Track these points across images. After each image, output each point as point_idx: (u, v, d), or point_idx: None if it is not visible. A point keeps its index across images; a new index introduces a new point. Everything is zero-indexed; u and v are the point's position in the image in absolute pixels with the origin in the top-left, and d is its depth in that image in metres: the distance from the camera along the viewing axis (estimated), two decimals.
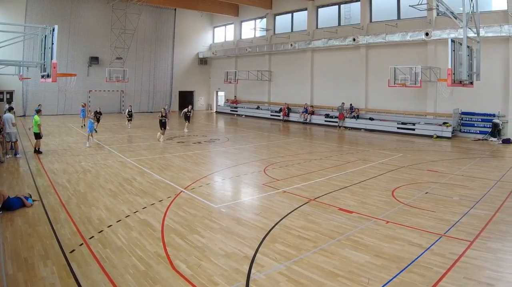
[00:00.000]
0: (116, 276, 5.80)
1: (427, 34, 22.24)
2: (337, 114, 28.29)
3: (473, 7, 14.93)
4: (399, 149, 18.84)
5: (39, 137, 16.02)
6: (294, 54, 33.50)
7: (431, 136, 22.73)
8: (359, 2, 28.06)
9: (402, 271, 6.00)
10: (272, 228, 7.88)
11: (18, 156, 15.17)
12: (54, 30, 10.54)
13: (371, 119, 26.73)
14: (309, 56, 32.24)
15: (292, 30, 34.35)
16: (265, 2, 35.18)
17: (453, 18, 15.13)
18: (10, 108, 16.46)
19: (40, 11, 31.44)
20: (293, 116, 32.26)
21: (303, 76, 32.77)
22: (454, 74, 13.92)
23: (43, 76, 11.23)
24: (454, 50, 13.81)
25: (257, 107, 37.01)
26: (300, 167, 14.21)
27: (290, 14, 34.66)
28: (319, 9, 31.81)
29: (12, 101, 30.01)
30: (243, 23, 40.39)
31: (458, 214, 8.71)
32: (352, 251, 6.78)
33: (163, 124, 20.19)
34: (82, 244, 6.97)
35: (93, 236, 7.34)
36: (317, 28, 31.77)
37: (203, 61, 44.23)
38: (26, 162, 14.42)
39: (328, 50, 30.41)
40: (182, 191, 10.73)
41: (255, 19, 38.47)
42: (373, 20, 27.57)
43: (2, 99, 30.96)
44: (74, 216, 8.49)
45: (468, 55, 14.62)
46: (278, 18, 36.10)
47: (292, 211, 9.00)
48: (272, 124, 31.15)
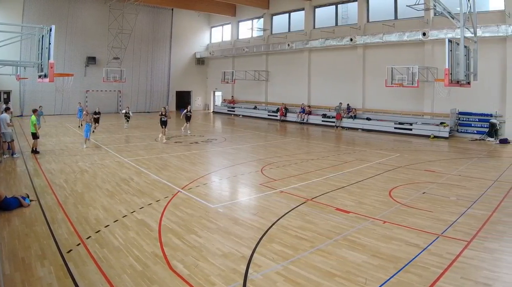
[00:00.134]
0: (113, 276, 5.81)
1: (424, 34, 22.27)
2: (334, 114, 28.30)
3: (470, 7, 14.96)
4: (396, 148, 18.86)
5: (36, 138, 16.01)
6: (291, 54, 33.50)
7: (428, 136, 22.75)
8: (356, 2, 28.08)
9: (399, 271, 6.00)
10: (269, 228, 7.87)
11: (15, 156, 15.13)
12: (51, 30, 10.54)
13: (368, 119, 26.74)
14: (306, 56, 32.25)
15: (289, 30, 34.37)
16: (262, 2, 35.18)
17: (450, 18, 15.14)
18: (7, 109, 16.41)
19: (37, 11, 31.35)
20: (290, 116, 32.26)
21: (300, 76, 32.77)
22: (451, 74, 13.94)
23: (40, 76, 11.22)
24: (451, 50, 13.84)
25: (254, 107, 37.00)
26: (297, 167, 14.21)
27: (287, 14, 34.66)
28: (316, 9, 31.84)
29: (9, 101, 29.90)
30: (240, 23, 40.38)
31: (455, 214, 8.72)
32: (349, 251, 6.78)
33: (163, 123, 19.80)
34: (79, 244, 6.96)
35: (90, 236, 7.34)
36: (314, 28, 31.79)
37: (200, 61, 44.23)
38: (23, 162, 14.37)
39: (325, 50, 30.43)
40: (179, 191, 10.71)
41: (252, 19, 38.46)
42: (370, 20, 27.60)
43: None
44: (71, 216, 8.48)
45: (465, 55, 14.63)
46: (275, 18, 36.12)
47: (289, 211, 8.99)
48: (269, 124, 31.14)
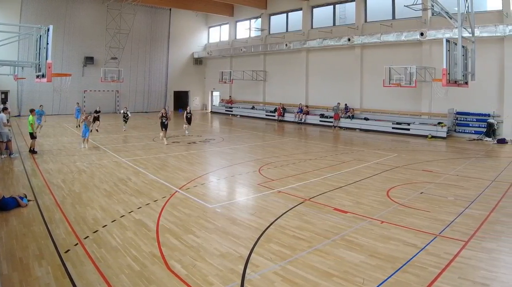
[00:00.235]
0: (111, 276, 5.81)
1: (422, 34, 22.28)
2: (332, 114, 28.30)
3: (468, 7, 14.96)
4: (394, 149, 18.87)
5: (34, 138, 16.00)
6: (289, 54, 33.49)
7: (426, 136, 22.77)
8: (354, 2, 28.09)
9: (397, 271, 5.99)
10: (267, 228, 7.87)
11: (12, 155, 15.07)
12: (49, 30, 10.52)
13: (366, 119, 26.74)
14: (304, 56, 32.24)
15: (287, 30, 34.33)
16: (260, 2, 35.16)
17: (448, 18, 15.15)
18: (4, 109, 16.37)
19: (35, 11, 31.29)
20: (288, 116, 32.23)
21: (298, 76, 32.78)
22: (449, 74, 13.95)
23: (38, 76, 11.21)
24: (449, 50, 13.84)
25: (252, 107, 36.98)
26: (295, 167, 14.20)
27: (285, 14, 34.64)
28: (314, 9, 31.82)
29: (7, 101, 29.90)
30: (238, 23, 40.34)
31: (453, 214, 8.72)
32: (347, 251, 6.77)
33: (164, 126, 19.34)
34: (77, 244, 6.95)
35: (88, 236, 7.33)
36: (312, 28, 31.78)
37: (198, 61, 44.17)
38: (21, 162, 14.34)
39: (323, 50, 30.42)
40: (177, 191, 10.70)
41: (250, 19, 38.41)
42: (368, 20, 27.59)
43: None
44: (69, 216, 8.47)
45: (463, 55, 14.65)
46: (273, 18, 36.09)
47: (287, 211, 8.98)
48: (267, 124, 31.13)
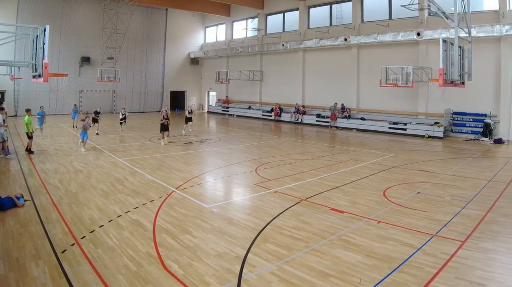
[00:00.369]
0: (108, 276, 5.80)
1: (418, 34, 22.30)
2: (328, 114, 28.31)
3: (464, 7, 14.98)
4: (390, 148, 18.88)
5: (30, 137, 15.96)
6: (286, 54, 33.49)
7: (422, 136, 22.80)
8: (351, 2, 28.12)
9: (394, 271, 5.99)
10: (263, 228, 7.85)
11: (8, 156, 14.93)
12: (45, 30, 10.56)
13: (363, 119, 26.77)
14: (300, 56, 32.25)
15: (283, 30, 34.34)
16: (256, 2, 35.14)
17: (444, 18, 15.15)
18: (1, 109, 16.27)
19: (32, 11, 31.20)
20: (284, 116, 32.22)
21: (295, 76, 32.78)
22: (446, 74, 13.93)
23: (34, 76, 11.25)
24: (445, 50, 13.83)
25: (248, 107, 36.96)
26: (292, 167, 14.18)
27: (282, 14, 34.64)
28: (311, 9, 31.84)
29: (3, 101, 29.73)
30: (235, 23, 40.32)
31: (450, 214, 8.72)
32: (344, 251, 6.76)
33: (165, 128, 18.91)
34: (74, 244, 6.95)
35: (84, 236, 7.32)
36: (308, 28, 31.80)
37: (194, 61, 44.13)
38: (17, 162, 14.30)
39: (319, 50, 30.43)
40: (173, 191, 10.68)
41: (246, 19, 38.42)
42: (364, 20, 27.63)
43: None
44: (65, 216, 8.46)
45: (460, 55, 14.64)
46: (269, 18, 36.08)
47: (283, 211, 8.97)
48: (263, 124, 31.11)
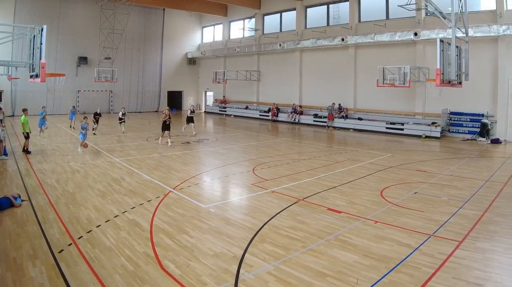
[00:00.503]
0: (105, 276, 5.80)
1: (415, 34, 22.33)
2: (326, 114, 28.31)
3: (461, 7, 15.01)
4: (387, 148, 18.90)
5: (27, 137, 15.92)
6: (283, 54, 33.48)
7: (420, 136, 22.82)
8: (348, 2, 28.10)
9: (391, 271, 5.98)
10: (260, 228, 7.84)
11: (1, 157, 14.74)
12: (42, 30, 10.60)
13: (360, 119, 26.77)
14: (297, 56, 32.24)
15: (280, 30, 34.31)
16: (253, 2, 35.11)
17: (441, 18, 15.19)
18: None
19: (29, 11, 31.13)
20: (281, 116, 32.20)
21: (292, 76, 32.76)
22: (443, 74, 13.97)
23: (31, 76, 11.27)
24: (442, 50, 13.86)
25: (245, 107, 36.93)
26: (289, 167, 14.17)
27: (279, 14, 34.62)
28: (308, 9, 31.82)
29: (0, 101, 29.66)
30: (232, 23, 40.29)
31: (447, 214, 8.72)
32: (341, 251, 6.75)
33: (167, 127, 18.56)
34: (71, 244, 6.94)
35: (81, 236, 7.32)
36: (305, 28, 31.78)
37: (191, 61, 44.07)
38: (15, 162, 14.25)
39: (316, 50, 30.43)
40: (170, 191, 10.66)
41: (243, 19, 38.39)
42: (361, 20, 27.63)
43: None
44: (63, 216, 8.45)
45: (457, 55, 14.68)
46: (266, 18, 36.06)
47: (280, 211, 8.95)
48: (260, 124, 31.09)
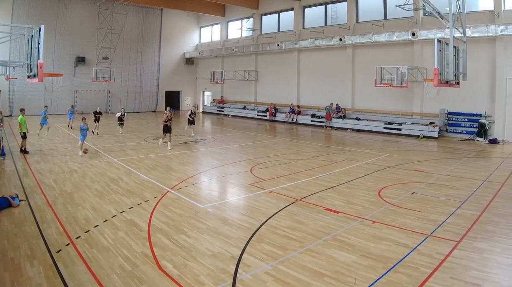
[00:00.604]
0: (103, 276, 5.79)
1: (413, 34, 22.33)
2: (323, 114, 28.31)
3: (459, 7, 15.02)
4: (385, 149, 18.91)
5: (25, 137, 15.88)
6: (281, 54, 33.47)
7: (417, 137, 22.84)
8: (346, 2, 28.11)
9: (389, 271, 5.98)
10: (258, 228, 7.83)
11: None
12: (40, 30, 10.65)
13: (358, 119, 26.79)
14: (295, 56, 32.23)
15: (278, 30, 34.31)
16: (251, 2, 35.10)
17: (439, 18, 15.20)
18: None
19: (27, 11, 31.09)
20: (279, 117, 32.20)
21: (290, 76, 32.76)
22: (441, 74, 13.97)
23: (29, 76, 11.30)
24: (440, 50, 13.86)
25: (243, 107, 36.91)
26: (287, 167, 14.16)
27: (277, 14, 34.63)
28: (306, 9, 31.83)
29: None
30: (230, 23, 40.27)
31: (445, 214, 8.72)
32: (339, 251, 6.75)
33: (168, 129, 18.11)
34: (69, 244, 6.93)
35: (79, 236, 7.30)
36: (303, 28, 31.79)
37: (189, 61, 44.02)
38: (12, 162, 14.21)
39: (314, 50, 30.43)
40: (168, 191, 10.65)
41: (241, 19, 38.40)
42: (359, 20, 27.64)
43: None
44: (60, 216, 8.44)
45: (455, 55, 14.69)
46: (264, 18, 36.04)
47: (278, 211, 8.94)
48: (258, 124, 31.10)
